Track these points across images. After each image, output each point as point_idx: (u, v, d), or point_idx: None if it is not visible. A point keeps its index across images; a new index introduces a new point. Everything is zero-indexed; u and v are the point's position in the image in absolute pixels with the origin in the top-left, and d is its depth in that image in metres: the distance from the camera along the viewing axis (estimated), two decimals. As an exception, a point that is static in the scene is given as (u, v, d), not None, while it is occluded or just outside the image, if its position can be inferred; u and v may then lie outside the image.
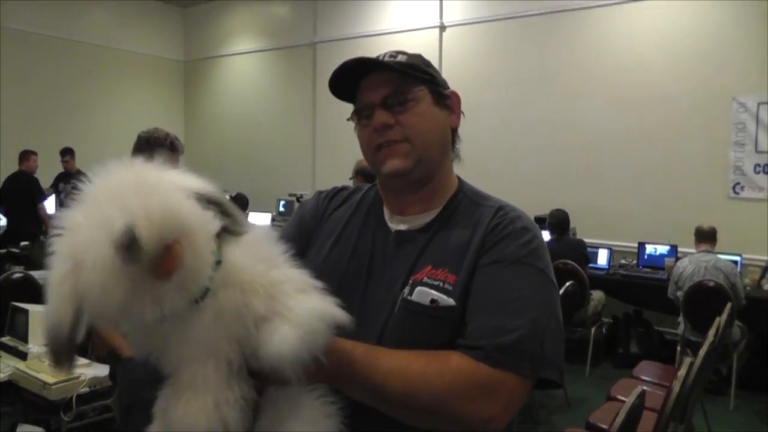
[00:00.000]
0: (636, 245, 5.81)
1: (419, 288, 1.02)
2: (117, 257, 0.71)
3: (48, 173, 7.28)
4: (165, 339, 0.81)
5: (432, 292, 1.01)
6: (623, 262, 5.89)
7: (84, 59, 8.80)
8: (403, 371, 0.92)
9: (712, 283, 4.46)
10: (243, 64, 9.61)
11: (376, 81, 1.08)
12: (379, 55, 1.11)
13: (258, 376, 0.85)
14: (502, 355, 0.92)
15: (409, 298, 1.02)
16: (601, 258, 5.87)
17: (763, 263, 5.21)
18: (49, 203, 6.99)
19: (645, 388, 2.29)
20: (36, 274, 3.85)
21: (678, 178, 5.83)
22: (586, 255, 5.36)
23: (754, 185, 5.52)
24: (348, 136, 1.15)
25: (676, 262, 5.04)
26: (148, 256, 0.72)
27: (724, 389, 4.53)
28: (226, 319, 0.80)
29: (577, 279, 4.79)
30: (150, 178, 0.78)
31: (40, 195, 6.90)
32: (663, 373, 3.75)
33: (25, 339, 3.07)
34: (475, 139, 6.57)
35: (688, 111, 5.78)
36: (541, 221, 5.69)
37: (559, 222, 5.39)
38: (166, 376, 0.85)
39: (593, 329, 5.20)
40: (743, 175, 5.57)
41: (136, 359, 0.87)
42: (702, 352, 2.89)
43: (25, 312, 3.10)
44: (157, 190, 0.76)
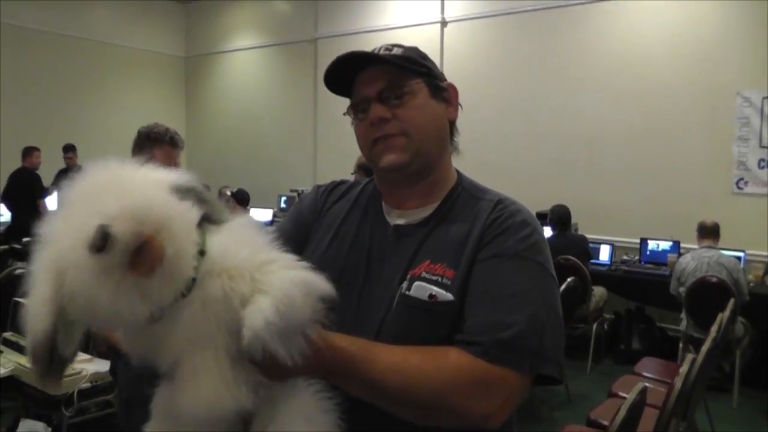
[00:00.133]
0: (638, 241, 5.80)
1: (417, 283, 1.01)
2: (94, 258, 0.71)
3: (50, 169, 7.30)
4: (159, 336, 0.79)
5: (430, 287, 1.00)
6: (625, 257, 5.87)
7: (86, 56, 8.81)
8: (400, 367, 0.91)
9: (714, 279, 4.44)
10: (244, 60, 9.60)
11: (371, 75, 1.07)
12: (374, 49, 1.09)
13: (258, 365, 0.82)
14: (501, 350, 0.91)
15: (407, 293, 1.01)
16: (603, 254, 5.85)
17: (767, 259, 5.19)
18: (50, 200, 7.00)
19: (646, 384, 2.28)
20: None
21: (681, 173, 5.80)
22: (587, 251, 5.36)
23: (758, 180, 5.49)
24: (349, 131, 1.14)
25: (679, 257, 5.02)
26: (125, 252, 0.72)
27: (727, 386, 4.51)
28: (216, 307, 0.78)
29: (578, 275, 4.79)
30: (123, 177, 0.78)
31: (41, 191, 6.92)
32: (665, 369, 3.74)
33: (27, 334, 3.08)
34: (476, 134, 6.62)
35: (691, 105, 5.75)
36: (543, 217, 5.68)
37: (560, 217, 5.39)
38: (164, 373, 0.84)
39: (595, 325, 5.18)
40: (747, 170, 5.54)
41: (134, 360, 0.85)
42: (704, 348, 2.88)
43: (27, 308, 3.10)
44: (129, 187, 0.76)
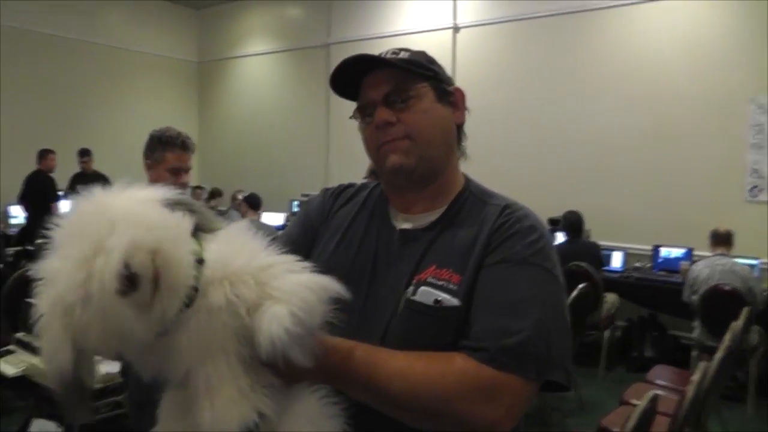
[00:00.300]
0: (651, 248, 5.76)
1: (423, 288, 1.00)
2: (124, 296, 0.72)
3: (66, 173, 7.35)
4: (168, 350, 0.79)
5: (436, 292, 0.99)
6: (637, 265, 5.82)
7: (100, 61, 8.88)
8: (405, 372, 0.90)
9: (728, 287, 4.39)
10: (256, 66, 9.64)
11: (377, 78, 1.07)
12: (381, 53, 1.09)
13: (272, 367, 0.82)
14: (507, 357, 0.90)
15: (412, 298, 1.00)
16: (616, 260, 5.81)
17: (781, 267, 5.13)
18: (63, 204, 7.05)
19: (658, 392, 2.25)
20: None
21: (694, 179, 5.75)
22: (599, 258, 5.30)
23: (772, 188, 5.43)
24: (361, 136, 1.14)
25: (692, 265, 4.97)
26: (147, 282, 0.73)
27: (741, 396, 4.45)
28: (222, 315, 0.78)
29: (590, 281, 4.75)
30: (110, 204, 0.78)
31: (54, 194, 6.97)
32: (677, 377, 3.69)
33: (39, 335, 3.10)
34: (488, 140, 6.61)
35: (704, 112, 5.70)
36: (555, 222, 5.65)
37: (572, 224, 5.34)
38: (177, 385, 0.84)
39: (607, 332, 5.14)
40: (761, 177, 5.47)
41: (145, 376, 0.85)
42: (717, 356, 2.85)
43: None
44: (122, 213, 0.76)
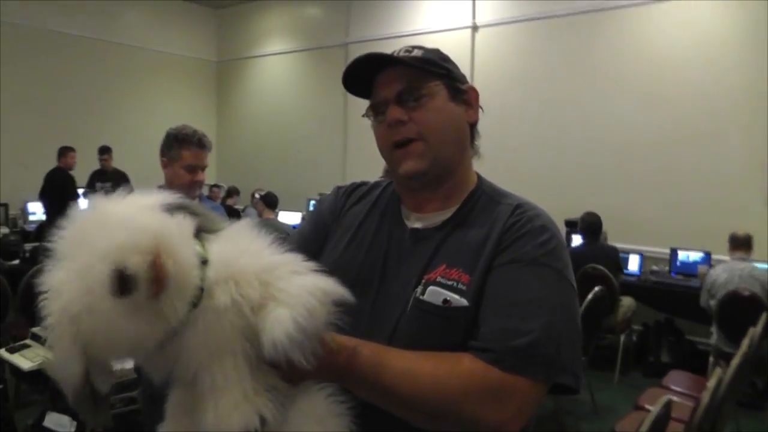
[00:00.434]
0: (668, 251, 5.69)
1: (432, 287, 0.99)
2: (118, 299, 0.73)
3: (85, 171, 7.41)
4: (176, 352, 0.80)
5: (445, 292, 0.98)
6: (655, 268, 5.76)
7: (120, 60, 8.95)
8: (412, 372, 0.89)
9: (747, 293, 4.33)
10: (275, 65, 9.67)
11: (390, 76, 1.06)
12: (394, 51, 1.09)
13: (277, 367, 0.83)
14: (515, 358, 0.90)
15: (421, 297, 1.00)
16: (633, 263, 5.75)
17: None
18: (82, 201, 7.11)
19: (674, 398, 2.23)
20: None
21: (713, 182, 5.66)
22: (618, 262, 5.21)
23: (794, 192, 5.32)
24: (379, 136, 1.12)
25: (710, 269, 4.91)
26: (144, 282, 0.74)
27: (759, 403, 4.39)
28: (228, 315, 0.79)
29: (606, 284, 4.70)
30: (110, 211, 0.79)
31: (74, 192, 7.03)
32: (693, 383, 3.65)
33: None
34: (507, 140, 6.58)
35: (725, 112, 5.61)
36: (573, 224, 5.60)
37: (590, 226, 5.25)
38: (185, 385, 0.84)
39: (623, 336, 5.09)
40: (782, 180, 5.38)
41: (155, 379, 0.86)
42: (734, 363, 2.81)
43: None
44: (120, 219, 0.77)
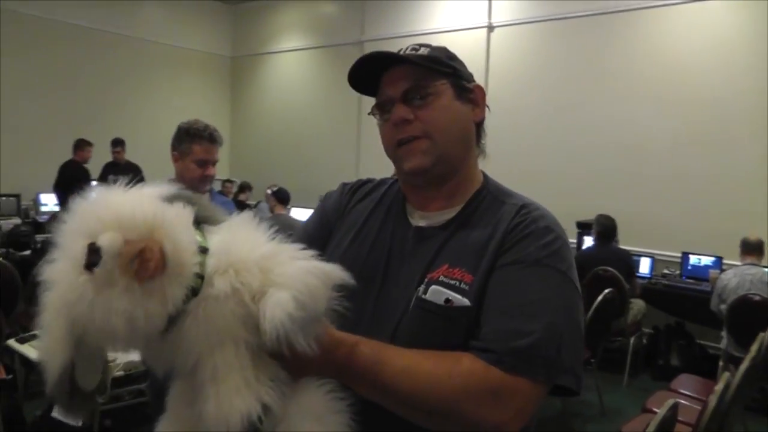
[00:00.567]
0: (680, 255, 5.66)
1: (434, 287, 0.99)
2: (91, 276, 0.72)
3: (97, 164, 7.44)
4: (177, 341, 0.80)
5: (447, 291, 0.98)
6: (666, 271, 5.74)
7: (135, 54, 9.01)
8: (411, 370, 0.89)
9: (757, 297, 4.29)
10: (290, 62, 9.69)
11: (396, 75, 1.06)
12: (401, 49, 1.08)
13: (279, 358, 0.83)
14: (516, 359, 0.89)
15: (423, 296, 0.99)
16: (644, 266, 5.73)
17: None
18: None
19: (682, 401, 2.23)
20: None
21: (726, 186, 5.62)
22: (631, 266, 5.15)
23: (808, 197, 5.27)
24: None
25: (721, 274, 4.88)
26: (119, 259, 0.73)
27: (768, 408, 4.38)
28: (228, 303, 0.79)
29: (616, 287, 4.68)
30: (108, 201, 0.79)
31: (86, 184, 7.02)
32: (702, 387, 3.64)
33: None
34: (520, 141, 6.57)
35: (739, 116, 5.57)
36: (586, 226, 5.58)
37: (606, 229, 5.19)
38: (186, 374, 0.84)
39: (632, 339, 5.08)
40: (795, 186, 5.33)
41: (158, 372, 0.86)
42: (742, 367, 2.80)
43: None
44: (114, 205, 0.78)
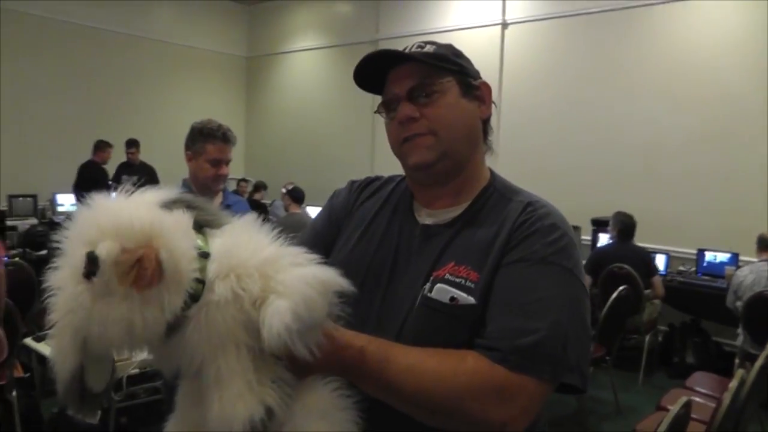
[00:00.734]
0: (695, 252, 5.61)
1: (439, 285, 0.99)
2: (90, 284, 0.74)
3: (111, 164, 7.51)
4: (180, 346, 0.80)
5: (452, 289, 0.98)
6: (681, 268, 5.69)
7: (151, 55, 9.08)
8: (416, 369, 0.89)
9: (773, 294, 4.25)
10: (304, 61, 9.71)
11: (402, 73, 1.06)
12: (406, 47, 1.08)
13: (283, 360, 0.83)
14: (520, 357, 0.89)
15: (428, 294, 0.99)
16: (659, 264, 5.64)
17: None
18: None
19: (697, 399, 2.22)
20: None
21: (741, 183, 5.54)
22: (648, 264, 5.06)
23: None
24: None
25: (736, 270, 4.83)
26: (117, 268, 0.74)
27: (785, 406, 4.33)
28: (229, 308, 0.79)
29: (631, 284, 4.65)
30: (107, 208, 0.80)
31: (105, 186, 7.08)
32: (717, 385, 3.60)
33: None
34: (535, 139, 6.57)
35: (754, 112, 5.48)
36: (602, 223, 5.54)
37: (626, 226, 5.10)
38: (192, 376, 0.85)
39: (648, 337, 5.04)
40: (812, 181, 5.25)
41: (165, 374, 0.87)
42: (757, 364, 2.78)
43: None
44: (113, 212, 0.79)
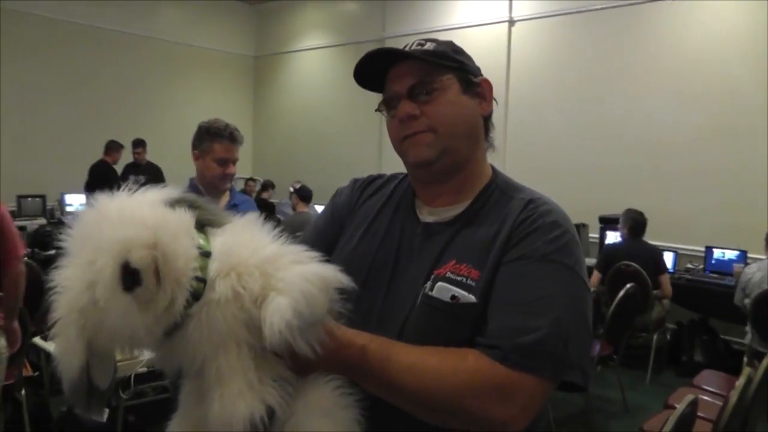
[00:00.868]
0: (703, 249, 5.59)
1: (440, 283, 0.99)
2: (126, 293, 0.75)
3: (118, 164, 7.53)
4: (183, 344, 0.81)
5: (453, 288, 0.98)
6: (689, 266, 5.66)
7: (159, 55, 9.11)
8: (417, 367, 0.89)
9: (782, 291, 4.22)
10: (312, 60, 9.72)
11: (402, 71, 1.06)
12: (406, 44, 1.08)
13: (284, 358, 0.84)
14: (521, 356, 0.89)
15: (429, 293, 0.99)
16: (667, 261, 5.60)
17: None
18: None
19: (705, 397, 2.20)
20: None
21: (750, 180, 5.50)
22: (658, 262, 5.02)
23: (834, 190, 5.16)
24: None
25: (745, 267, 4.80)
26: (148, 276, 0.76)
27: (794, 404, 4.31)
28: (230, 306, 0.80)
29: (639, 282, 4.63)
30: (111, 208, 0.82)
31: (115, 185, 7.12)
32: (725, 383, 3.57)
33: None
34: (542, 136, 6.56)
35: (761, 109, 5.44)
36: (611, 221, 5.51)
37: (636, 224, 5.06)
38: (194, 375, 0.86)
39: (656, 335, 5.02)
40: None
41: (168, 372, 0.88)
42: (765, 362, 2.76)
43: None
44: (119, 215, 0.80)
